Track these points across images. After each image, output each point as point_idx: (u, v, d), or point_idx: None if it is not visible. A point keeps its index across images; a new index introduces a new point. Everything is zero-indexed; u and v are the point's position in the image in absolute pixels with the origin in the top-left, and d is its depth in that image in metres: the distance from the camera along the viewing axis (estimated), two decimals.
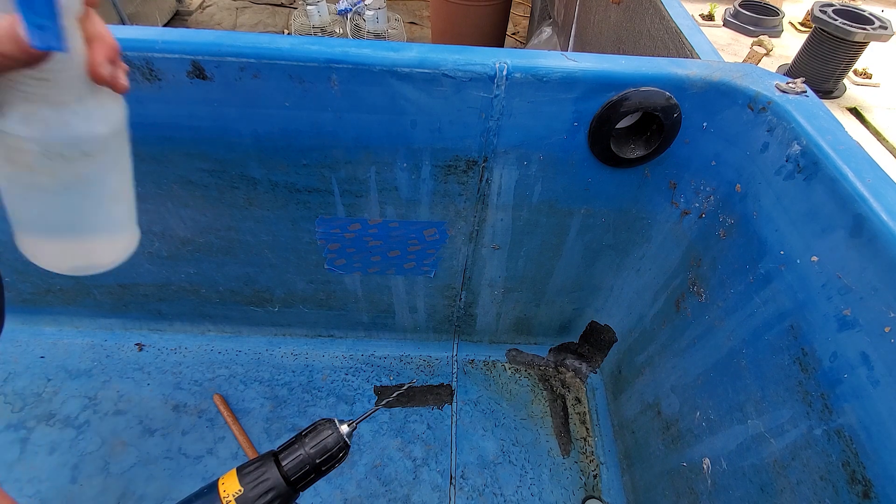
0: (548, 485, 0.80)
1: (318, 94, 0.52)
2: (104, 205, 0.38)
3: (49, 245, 0.37)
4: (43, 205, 0.35)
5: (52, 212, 0.35)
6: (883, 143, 1.02)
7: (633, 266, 0.75)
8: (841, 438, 0.41)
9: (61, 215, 0.36)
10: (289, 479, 0.39)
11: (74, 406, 0.81)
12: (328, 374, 0.90)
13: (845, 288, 0.41)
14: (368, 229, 0.69)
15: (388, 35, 2.20)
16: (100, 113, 0.34)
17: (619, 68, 0.52)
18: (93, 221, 0.38)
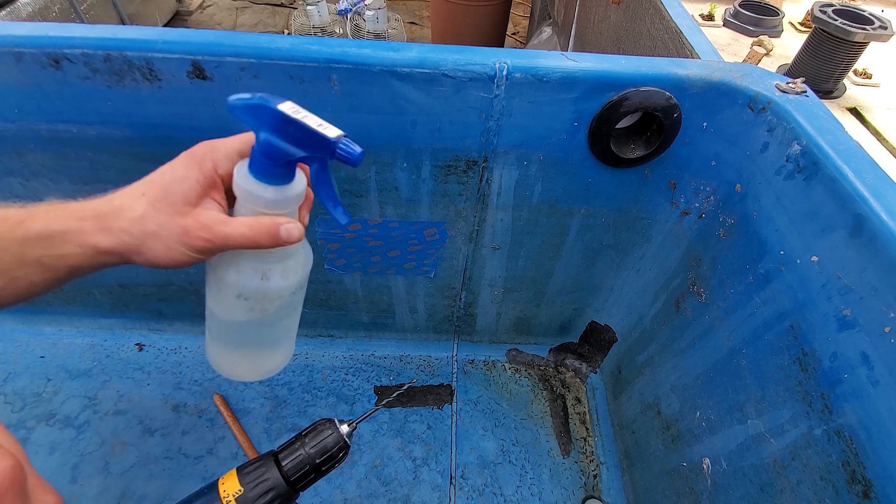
0: (548, 485, 0.80)
1: (318, 94, 0.52)
2: (283, 330, 0.45)
3: (235, 359, 0.45)
4: (240, 331, 0.42)
5: (245, 335, 0.42)
6: (883, 143, 1.02)
7: (633, 266, 0.75)
8: (841, 438, 0.41)
9: (252, 338, 0.43)
10: (289, 479, 0.39)
11: (74, 406, 0.81)
12: (328, 374, 0.90)
13: (845, 288, 0.41)
14: (368, 229, 0.69)
15: (388, 35, 2.20)
16: (296, 266, 0.40)
17: (619, 68, 0.52)
18: (273, 342, 0.45)
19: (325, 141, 0.34)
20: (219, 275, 0.38)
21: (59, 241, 0.34)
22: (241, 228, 0.34)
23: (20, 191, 0.63)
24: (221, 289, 0.38)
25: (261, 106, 0.32)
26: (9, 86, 0.51)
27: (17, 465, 0.23)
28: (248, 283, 0.37)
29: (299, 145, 0.33)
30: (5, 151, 0.58)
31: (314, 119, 0.34)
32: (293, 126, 0.33)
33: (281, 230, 0.35)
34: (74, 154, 0.58)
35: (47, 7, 1.79)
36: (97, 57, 0.49)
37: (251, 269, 0.37)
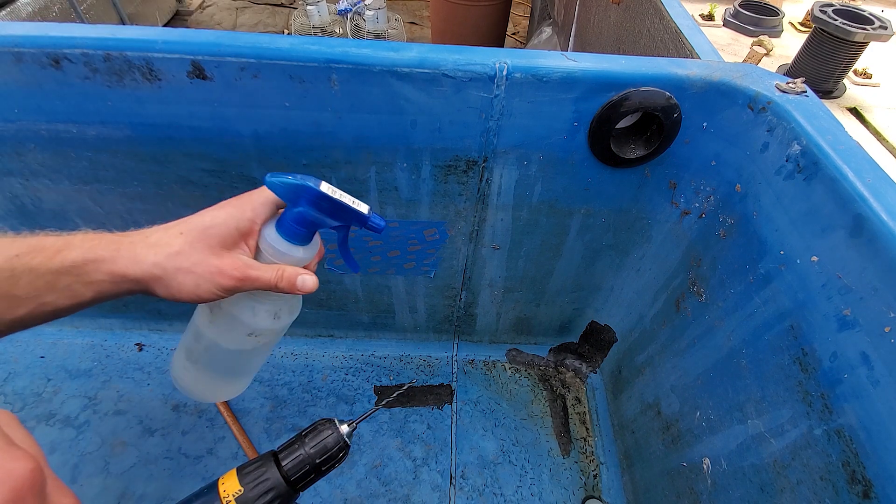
0: (548, 485, 0.80)
1: (318, 94, 0.52)
2: (260, 361, 0.50)
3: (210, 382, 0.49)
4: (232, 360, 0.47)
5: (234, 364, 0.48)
6: (883, 143, 1.02)
7: (633, 266, 0.75)
8: (841, 438, 0.41)
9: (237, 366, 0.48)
10: (289, 479, 0.39)
11: (74, 406, 0.81)
12: (328, 374, 0.90)
13: (845, 288, 0.41)
14: None
15: (388, 35, 2.20)
16: (297, 304, 0.47)
17: (619, 68, 0.52)
18: (250, 370, 0.50)
19: (361, 216, 0.42)
20: (233, 315, 0.42)
21: (91, 270, 0.36)
22: (268, 273, 0.39)
23: (20, 191, 0.63)
24: (234, 327, 0.43)
25: (304, 187, 0.38)
26: (9, 86, 0.51)
27: (37, 467, 0.24)
28: (262, 323, 0.43)
29: (334, 217, 0.40)
30: (5, 151, 0.58)
31: (348, 197, 0.40)
32: (332, 204, 0.39)
33: (298, 280, 0.40)
34: (74, 154, 0.58)
35: (47, 7, 1.79)
36: (97, 57, 0.49)
37: (266, 311, 0.43)
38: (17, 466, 0.23)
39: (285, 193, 0.39)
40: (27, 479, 0.23)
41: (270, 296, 0.43)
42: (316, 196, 0.38)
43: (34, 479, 0.23)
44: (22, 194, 0.64)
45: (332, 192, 0.39)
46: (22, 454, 0.24)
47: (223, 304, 0.42)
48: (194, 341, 0.46)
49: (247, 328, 0.43)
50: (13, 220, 0.67)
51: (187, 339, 0.47)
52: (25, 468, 0.23)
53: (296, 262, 0.41)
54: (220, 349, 0.45)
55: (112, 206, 0.65)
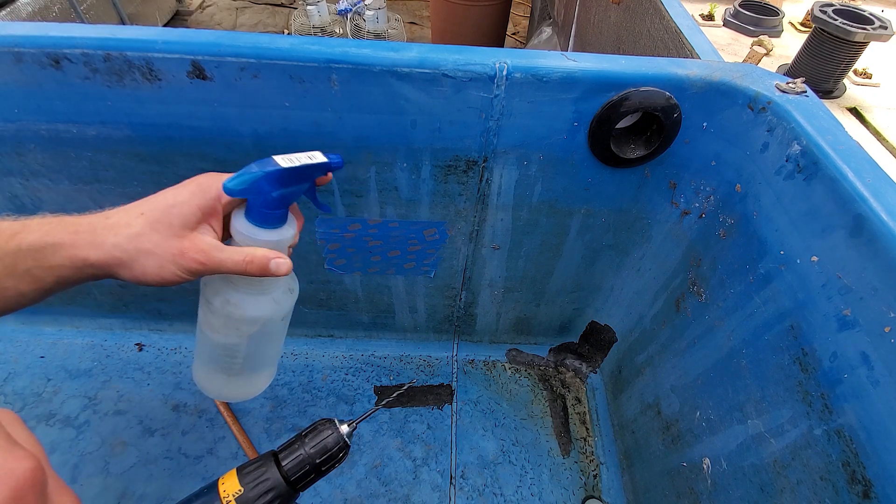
0: (548, 485, 0.80)
1: (318, 94, 0.52)
2: (267, 356, 0.48)
3: (220, 380, 0.47)
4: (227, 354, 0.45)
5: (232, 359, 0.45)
6: (883, 143, 1.02)
7: (633, 266, 0.75)
8: (841, 438, 0.41)
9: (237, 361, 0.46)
10: (289, 479, 0.39)
11: (74, 406, 0.81)
12: (328, 374, 0.90)
13: (845, 288, 0.41)
14: (368, 229, 0.69)
15: (388, 35, 2.20)
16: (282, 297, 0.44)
17: (619, 68, 0.52)
18: (258, 366, 0.48)
19: (323, 166, 0.40)
20: (212, 304, 0.41)
21: (50, 254, 0.35)
22: (235, 257, 0.37)
23: (20, 191, 0.63)
24: (270, 322, 0.43)
25: (262, 176, 0.36)
26: (9, 86, 0.51)
27: (38, 466, 0.24)
28: (287, 301, 0.42)
29: (299, 182, 0.39)
30: (5, 151, 0.58)
31: (303, 156, 0.39)
32: (294, 173, 0.38)
33: (271, 264, 0.38)
34: (74, 154, 0.58)
35: (47, 7, 1.79)
36: (97, 57, 0.49)
37: (284, 290, 0.42)
38: (19, 465, 0.23)
39: (248, 191, 0.37)
40: (28, 478, 0.23)
41: (262, 282, 0.41)
42: (277, 175, 0.37)
43: (35, 478, 0.23)
44: (22, 194, 0.64)
45: (289, 163, 0.38)
46: (24, 453, 0.24)
47: (204, 293, 0.42)
48: (228, 357, 0.46)
49: (279, 315, 0.43)
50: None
51: (217, 360, 0.46)
52: (27, 467, 0.23)
53: (272, 245, 0.40)
54: (210, 343, 0.44)
55: (112, 206, 0.65)
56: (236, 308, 0.41)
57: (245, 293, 0.41)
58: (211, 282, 0.42)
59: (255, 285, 0.41)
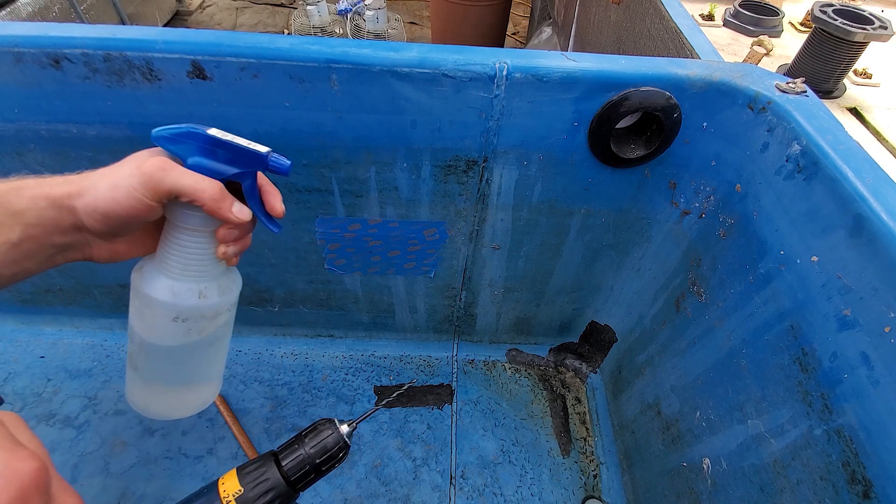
0: (548, 485, 0.80)
1: (318, 94, 0.52)
2: (215, 358, 0.44)
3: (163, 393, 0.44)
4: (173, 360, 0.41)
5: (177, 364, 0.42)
6: (883, 143, 1.02)
7: (633, 266, 0.75)
8: (841, 438, 0.41)
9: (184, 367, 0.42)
10: (289, 479, 0.39)
11: (74, 406, 0.81)
12: (328, 374, 0.90)
13: (845, 288, 0.41)
14: (368, 229, 0.69)
15: (388, 35, 2.20)
16: (230, 284, 0.41)
17: (619, 68, 0.52)
18: (205, 371, 0.44)
19: (258, 156, 0.37)
20: (151, 298, 0.38)
21: (14, 197, 0.33)
22: (198, 178, 0.34)
23: None
24: (155, 311, 0.38)
25: (190, 132, 0.34)
26: (9, 86, 0.51)
27: (42, 467, 0.24)
28: (184, 302, 0.38)
29: (232, 164, 0.36)
30: (5, 151, 0.58)
31: (242, 139, 0.36)
32: (224, 147, 0.35)
33: (235, 207, 0.36)
34: (74, 154, 0.58)
35: (47, 7, 1.79)
36: (97, 57, 0.49)
37: (188, 289, 0.38)
38: (24, 466, 0.23)
39: (173, 147, 0.35)
40: (33, 478, 0.23)
41: (189, 270, 0.38)
42: (204, 140, 0.35)
43: (40, 478, 0.24)
44: None
45: (222, 136, 0.35)
46: (28, 454, 0.24)
47: (139, 287, 0.38)
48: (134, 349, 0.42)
49: (170, 310, 0.38)
50: None
51: (129, 351, 0.43)
52: (31, 468, 0.24)
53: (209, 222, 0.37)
54: (157, 348, 0.40)
55: None
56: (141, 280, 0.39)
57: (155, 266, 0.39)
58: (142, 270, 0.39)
59: (165, 261, 0.38)
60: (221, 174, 0.36)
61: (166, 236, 0.38)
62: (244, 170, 0.37)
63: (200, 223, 0.37)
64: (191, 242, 0.38)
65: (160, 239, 0.39)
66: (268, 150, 0.37)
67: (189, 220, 0.37)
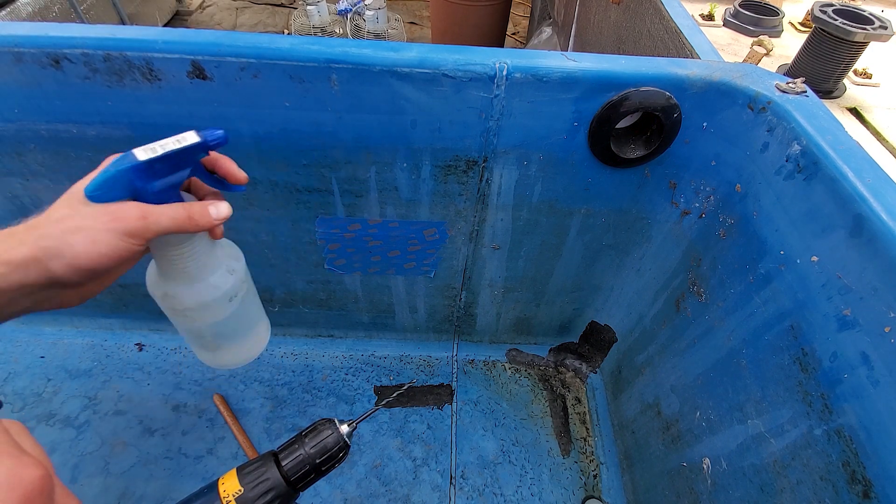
0: (548, 485, 0.80)
1: (318, 94, 0.52)
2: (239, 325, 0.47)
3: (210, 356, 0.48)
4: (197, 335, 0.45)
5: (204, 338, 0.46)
6: (883, 143, 1.02)
7: (633, 266, 0.75)
8: (841, 438, 0.41)
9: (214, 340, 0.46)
10: (289, 479, 0.39)
11: (74, 406, 0.81)
12: (328, 374, 0.90)
13: (845, 288, 0.41)
14: (368, 229, 0.69)
15: (388, 35, 2.20)
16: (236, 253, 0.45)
17: (619, 68, 0.52)
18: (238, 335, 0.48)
19: (196, 146, 0.37)
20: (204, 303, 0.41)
21: None
22: (174, 211, 0.35)
23: (20, 191, 0.63)
24: (215, 307, 0.42)
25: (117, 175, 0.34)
26: (9, 86, 0.51)
27: (46, 474, 0.25)
28: (227, 283, 0.42)
29: (179, 168, 0.36)
30: (5, 151, 0.58)
31: (170, 141, 0.36)
32: (162, 160, 0.35)
33: (211, 209, 0.37)
34: (74, 154, 0.58)
35: (47, 7, 1.79)
36: (97, 57, 0.49)
37: (220, 276, 0.42)
38: (28, 473, 0.24)
39: (112, 193, 0.34)
40: (38, 486, 0.24)
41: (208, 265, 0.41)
42: (139, 169, 0.34)
43: (44, 485, 0.24)
44: (22, 194, 0.64)
45: (152, 152, 0.34)
46: (33, 462, 0.25)
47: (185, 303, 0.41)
48: (206, 340, 0.46)
49: (223, 298, 0.42)
50: (13, 220, 0.67)
51: (193, 340, 0.46)
52: (36, 475, 0.24)
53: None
54: (224, 322, 0.44)
55: None
56: (175, 300, 0.40)
57: (178, 284, 0.40)
58: (150, 276, 0.41)
59: (186, 275, 0.40)
60: (177, 183, 0.37)
61: (169, 256, 0.40)
62: (193, 165, 0.38)
63: (190, 235, 0.39)
64: (196, 248, 0.40)
65: (159, 263, 0.40)
66: (196, 139, 0.37)
67: (182, 237, 0.39)
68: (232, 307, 0.44)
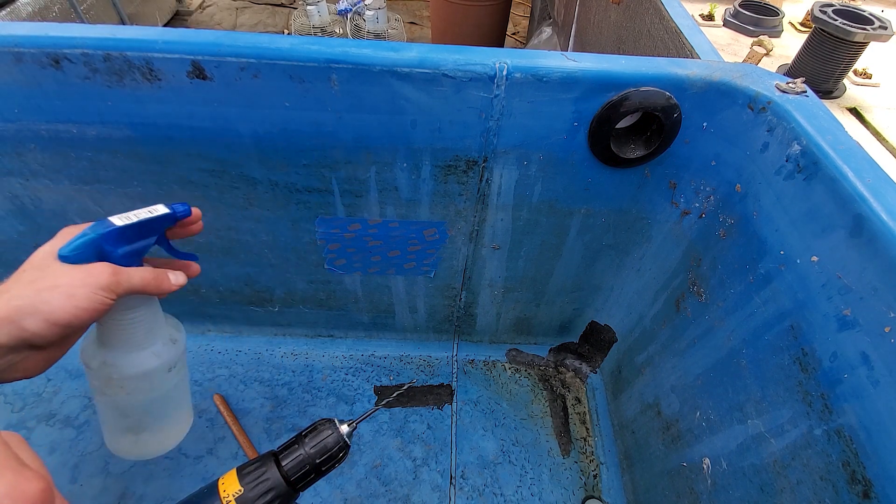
0: (548, 485, 0.80)
1: (318, 94, 0.52)
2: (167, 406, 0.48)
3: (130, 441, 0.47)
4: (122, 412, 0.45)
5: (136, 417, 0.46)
6: (883, 143, 1.02)
7: (633, 266, 0.75)
8: (841, 438, 0.41)
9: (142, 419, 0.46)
10: (289, 480, 0.39)
11: (74, 406, 0.81)
12: (328, 374, 0.90)
13: (845, 288, 0.41)
14: (368, 229, 0.69)
15: (388, 35, 2.20)
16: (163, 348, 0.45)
17: (619, 68, 0.52)
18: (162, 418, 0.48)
19: (164, 217, 0.41)
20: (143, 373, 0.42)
21: None
22: (143, 272, 0.39)
23: (20, 191, 0.63)
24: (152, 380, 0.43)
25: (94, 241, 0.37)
26: (9, 86, 0.51)
27: (47, 487, 0.25)
28: (169, 352, 0.44)
29: (147, 235, 0.40)
30: (5, 151, 0.58)
31: (143, 212, 0.40)
32: (133, 228, 0.39)
33: (172, 277, 0.41)
34: (74, 154, 0.58)
35: (47, 7, 1.79)
36: (97, 57, 0.49)
37: (162, 345, 0.44)
38: (30, 486, 0.24)
39: (84, 255, 0.36)
40: (38, 499, 0.24)
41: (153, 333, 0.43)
42: (115, 235, 0.38)
43: (45, 499, 0.25)
44: (22, 194, 0.64)
45: (125, 221, 0.38)
46: (33, 475, 0.25)
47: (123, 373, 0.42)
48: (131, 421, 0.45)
49: (163, 368, 0.44)
50: (13, 220, 0.67)
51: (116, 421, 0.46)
52: (37, 489, 0.25)
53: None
54: (156, 400, 0.45)
55: (112, 206, 0.65)
56: (114, 368, 0.42)
57: (121, 351, 0.42)
58: (86, 347, 0.42)
59: (129, 342, 0.42)
60: (144, 249, 0.40)
61: (120, 320, 0.41)
62: (159, 234, 0.42)
63: (146, 298, 0.42)
64: (146, 314, 0.42)
65: (105, 328, 0.41)
66: (166, 210, 0.41)
67: (137, 300, 0.41)
68: (170, 380, 0.45)
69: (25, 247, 0.71)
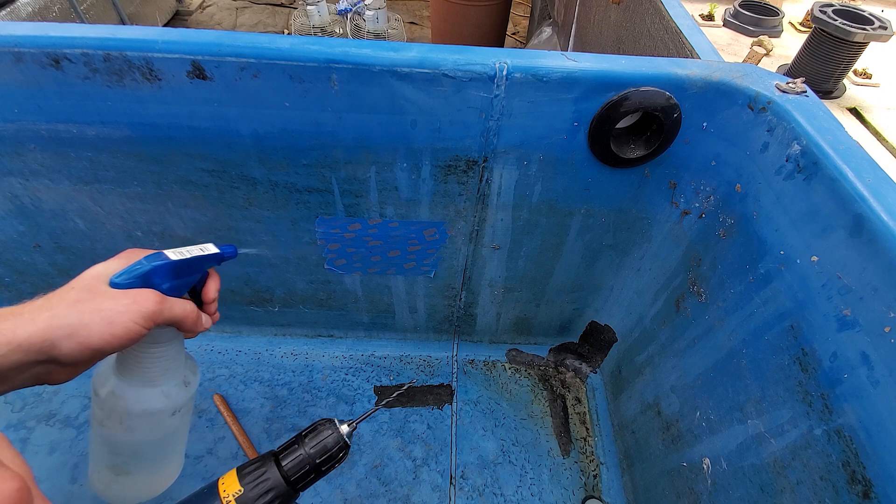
0: (548, 485, 0.80)
1: (318, 94, 0.52)
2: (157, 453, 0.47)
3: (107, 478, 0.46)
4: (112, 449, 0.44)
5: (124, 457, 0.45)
6: (883, 143, 1.02)
7: (633, 266, 0.75)
8: (841, 438, 0.41)
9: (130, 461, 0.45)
10: (289, 479, 0.39)
11: (74, 406, 0.81)
12: (328, 374, 0.90)
13: (845, 288, 0.41)
14: (368, 229, 0.69)
15: (388, 35, 2.20)
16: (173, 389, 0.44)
17: (619, 68, 0.52)
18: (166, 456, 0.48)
19: (214, 256, 0.43)
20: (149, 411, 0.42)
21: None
22: (186, 304, 0.39)
23: (20, 191, 0.63)
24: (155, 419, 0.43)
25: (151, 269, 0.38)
26: (9, 86, 0.51)
27: (23, 486, 0.24)
28: (179, 395, 0.44)
29: (194, 272, 0.42)
30: (5, 151, 0.58)
31: (195, 248, 0.41)
32: (186, 264, 0.40)
33: (203, 319, 0.42)
34: (74, 154, 0.58)
35: (47, 7, 1.79)
36: (97, 57, 0.49)
37: (174, 386, 0.44)
38: (5, 486, 0.24)
39: (134, 282, 0.37)
40: (14, 498, 0.24)
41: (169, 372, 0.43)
42: (167, 269, 0.39)
43: (21, 498, 0.24)
44: (22, 194, 0.64)
45: (179, 256, 0.39)
46: (10, 474, 0.24)
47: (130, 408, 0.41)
48: (123, 458, 0.45)
49: (169, 410, 0.43)
50: (13, 220, 0.67)
51: (104, 456, 0.45)
52: (12, 488, 0.24)
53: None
54: (156, 443, 0.44)
55: (112, 206, 0.65)
56: (121, 401, 0.41)
57: (132, 384, 0.41)
58: (101, 372, 0.42)
59: (144, 376, 0.41)
60: (188, 284, 0.41)
61: (138, 352, 0.41)
62: (204, 272, 0.43)
63: (175, 334, 0.42)
64: (169, 350, 0.42)
65: (126, 357, 0.41)
66: (216, 250, 0.43)
67: (166, 335, 0.41)
68: (171, 424, 0.44)
69: (25, 247, 0.71)
